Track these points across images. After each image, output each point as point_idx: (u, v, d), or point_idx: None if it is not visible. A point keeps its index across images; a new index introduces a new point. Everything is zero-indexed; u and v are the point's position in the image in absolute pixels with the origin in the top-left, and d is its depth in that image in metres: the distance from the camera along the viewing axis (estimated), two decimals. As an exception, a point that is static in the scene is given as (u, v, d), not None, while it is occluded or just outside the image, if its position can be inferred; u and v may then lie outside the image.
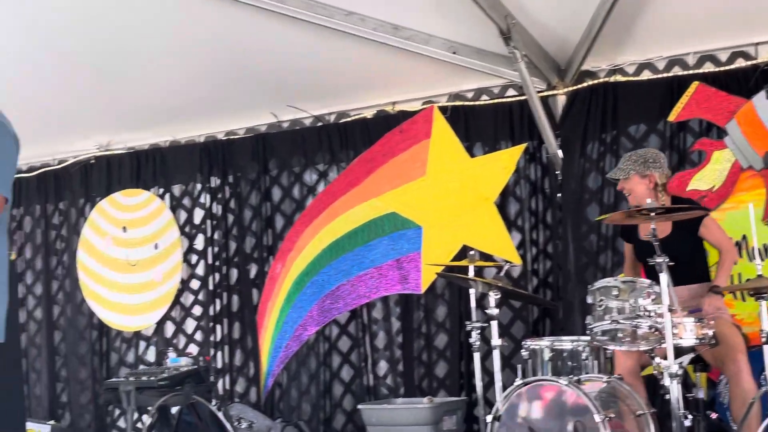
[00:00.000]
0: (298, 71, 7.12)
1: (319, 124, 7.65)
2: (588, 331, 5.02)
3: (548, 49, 6.68)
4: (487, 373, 6.31)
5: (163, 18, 6.71)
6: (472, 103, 7.12)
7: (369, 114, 7.43)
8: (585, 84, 6.70)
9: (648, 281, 4.89)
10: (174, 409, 7.05)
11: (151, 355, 8.20)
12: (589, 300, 5.04)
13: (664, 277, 4.66)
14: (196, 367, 6.80)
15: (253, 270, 7.85)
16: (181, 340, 8.10)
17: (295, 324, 7.46)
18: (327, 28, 6.52)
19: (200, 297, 8.07)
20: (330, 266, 7.40)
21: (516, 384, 5.05)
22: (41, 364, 8.61)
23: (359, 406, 6.77)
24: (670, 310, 4.63)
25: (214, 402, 6.79)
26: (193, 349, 7.99)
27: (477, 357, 5.79)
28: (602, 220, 5.87)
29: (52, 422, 7.89)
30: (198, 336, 8.05)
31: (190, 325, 8.11)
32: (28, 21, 6.73)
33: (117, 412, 8.18)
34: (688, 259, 5.27)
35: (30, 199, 8.78)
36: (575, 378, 4.94)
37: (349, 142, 7.51)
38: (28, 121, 5.21)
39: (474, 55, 6.74)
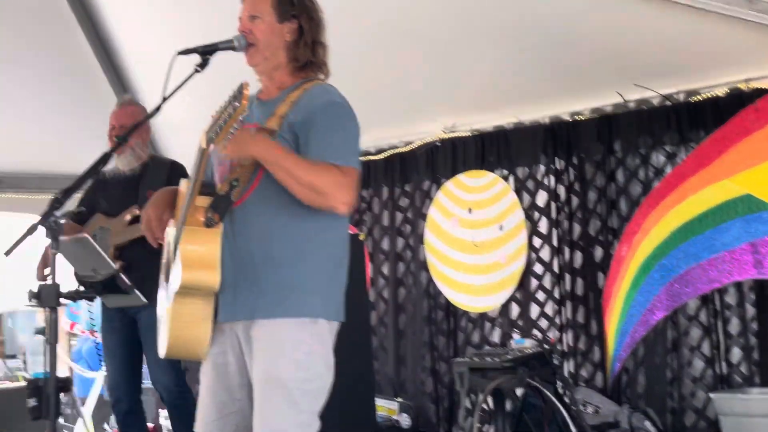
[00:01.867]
0: (644, 49, 6.92)
1: (668, 103, 7.41)
2: None
3: None
4: None
5: (509, 1, 6.73)
6: (833, 77, 6.70)
7: (721, 92, 7.12)
8: None
9: None
10: (519, 392, 7.06)
11: (495, 336, 8.27)
12: None
13: None
14: (540, 349, 6.78)
15: (598, 253, 7.73)
16: (525, 323, 8.09)
17: (642, 308, 7.28)
18: (676, 3, 6.29)
19: (544, 280, 8.03)
20: (678, 249, 7.16)
21: None
22: (388, 343, 8.87)
23: (711, 395, 6.54)
24: None
25: (559, 385, 6.75)
26: (536, 332, 7.98)
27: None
28: None
29: (399, 399, 8.12)
30: (542, 319, 8.02)
31: (534, 307, 8.08)
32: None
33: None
34: None
35: (378, 181, 9.04)
36: None
37: (699, 122, 7.23)
38: (376, 104, 5.44)
39: (838, 25, 6.33)
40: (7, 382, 8.79)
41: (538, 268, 8.08)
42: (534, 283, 8.09)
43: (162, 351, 3.72)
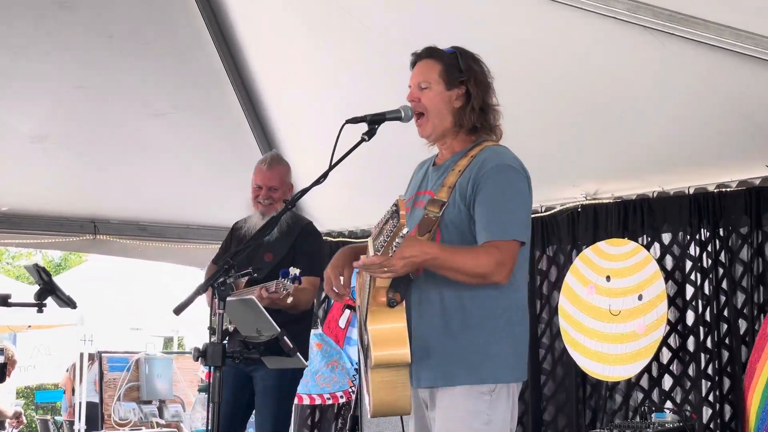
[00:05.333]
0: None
1: (813, 176, 7.28)
2: None
3: None
4: None
5: (650, 62, 6.68)
6: None
7: None
8: None
9: None
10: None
11: (630, 407, 8.13)
12: None
13: None
14: (681, 424, 6.67)
15: (743, 327, 7.57)
16: (664, 395, 7.94)
17: (787, 388, 7.11)
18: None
19: (682, 352, 7.89)
20: None
21: None
22: (527, 402, 8.74)
23: None
24: None
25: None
26: (670, 405, 7.83)
27: None
28: None
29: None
30: (677, 392, 7.87)
31: (668, 380, 7.95)
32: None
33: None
34: None
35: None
36: None
37: None
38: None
39: None
40: (143, 429, 8.93)
41: (676, 338, 7.93)
42: (671, 353, 7.95)
43: (370, 412, 3.90)
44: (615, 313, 8.25)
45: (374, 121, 3.93)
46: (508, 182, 3.79)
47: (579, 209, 8.59)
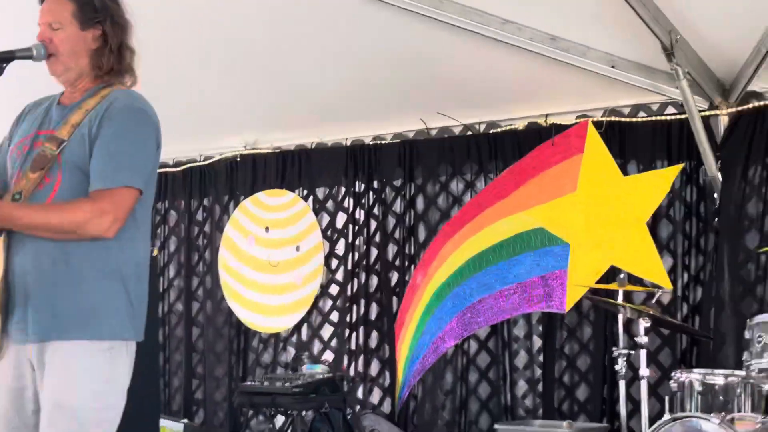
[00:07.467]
0: (449, 79, 6.97)
1: (469, 133, 7.49)
2: (744, 368, 4.79)
3: (712, 67, 6.39)
4: (631, 400, 6.06)
5: (317, 20, 6.65)
6: (628, 119, 6.86)
7: (520, 125, 7.24)
8: (750, 105, 6.37)
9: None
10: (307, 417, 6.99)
11: (286, 358, 8.17)
12: (747, 335, 4.82)
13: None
14: (331, 375, 6.73)
15: (394, 278, 7.73)
16: (317, 345, 8.03)
17: (434, 336, 7.33)
18: (482, 36, 6.34)
19: (338, 303, 7.99)
20: (473, 279, 7.24)
21: (665, 419, 4.84)
22: (179, 358, 8.65)
23: (496, 426, 6.59)
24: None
25: (347, 411, 6.71)
26: (328, 355, 7.92)
27: (622, 385, 5.58)
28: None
29: (185, 420, 7.92)
30: (334, 342, 7.97)
31: (327, 330, 8.03)
32: (189, 15, 6.74)
33: (251, 412, 8.15)
34: None
35: (175, 194, 8.82)
36: (728, 417, 4.71)
37: (498, 153, 7.33)
38: (177, 115, 5.27)
39: (633, 70, 6.49)
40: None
41: (333, 290, 8.02)
42: (329, 304, 8.04)
43: None
44: (274, 264, 8.24)
45: (2, 60, 3.62)
46: (133, 125, 3.56)
47: (238, 159, 8.49)
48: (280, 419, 7.10)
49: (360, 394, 7.68)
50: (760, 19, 5.77)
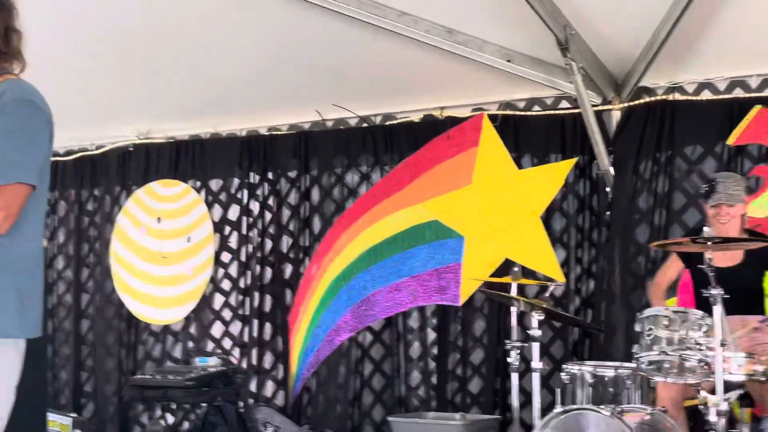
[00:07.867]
0: (345, 70, 6.95)
1: (364, 125, 7.48)
2: (634, 360, 4.84)
3: (606, 63, 6.48)
4: (523, 392, 6.10)
5: (210, 9, 6.57)
6: (523, 113, 6.93)
7: (416, 118, 7.25)
8: (642, 101, 6.49)
9: (701, 313, 4.71)
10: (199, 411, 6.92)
11: (178, 351, 8.06)
12: (637, 328, 4.87)
13: (717, 310, 4.49)
14: (224, 368, 6.66)
15: (288, 270, 7.68)
16: (210, 338, 7.93)
17: (328, 328, 7.30)
18: (378, 28, 6.34)
19: (231, 295, 7.91)
20: (367, 271, 7.22)
21: (556, 411, 4.87)
22: (68, 351, 8.49)
23: (389, 418, 6.61)
24: (722, 345, 4.47)
25: (240, 405, 6.65)
26: (221, 348, 7.83)
27: (515, 377, 5.61)
28: (659, 246, 5.58)
29: (73, 415, 7.75)
30: (227, 335, 7.89)
31: (219, 323, 7.95)
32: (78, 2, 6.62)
33: (141, 406, 8.03)
34: (756, 290, 5.11)
35: (65, 184, 8.65)
36: (618, 408, 4.76)
37: (394, 145, 7.33)
38: (67, 103, 5.14)
39: (528, 64, 6.54)
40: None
41: (225, 282, 7.94)
42: (221, 296, 7.94)
43: None
44: (164, 256, 8.13)
45: None
46: (24, 119, 3.45)
47: (131, 148, 8.34)
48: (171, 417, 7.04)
49: (253, 387, 7.61)
50: (652, 17, 5.86)
